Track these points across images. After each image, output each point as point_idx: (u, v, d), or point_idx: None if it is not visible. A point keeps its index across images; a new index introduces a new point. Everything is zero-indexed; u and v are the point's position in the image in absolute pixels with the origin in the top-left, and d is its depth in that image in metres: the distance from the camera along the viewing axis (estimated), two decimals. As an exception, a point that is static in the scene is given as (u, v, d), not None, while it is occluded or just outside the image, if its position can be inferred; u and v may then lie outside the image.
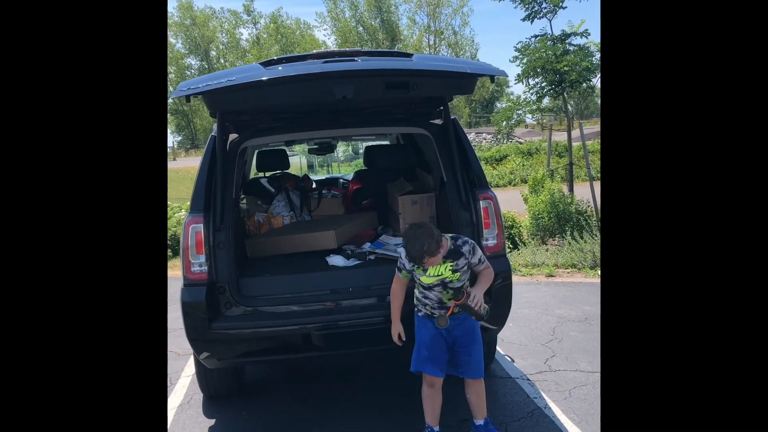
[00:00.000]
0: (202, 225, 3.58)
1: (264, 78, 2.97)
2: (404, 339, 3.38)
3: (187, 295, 3.53)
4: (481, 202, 3.79)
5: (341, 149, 20.49)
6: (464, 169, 3.88)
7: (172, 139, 55.12)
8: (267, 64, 3.26)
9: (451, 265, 3.19)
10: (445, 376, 3.34)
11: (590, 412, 3.82)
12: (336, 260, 4.04)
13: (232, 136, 4.01)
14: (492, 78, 3.28)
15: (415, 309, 3.36)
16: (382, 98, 3.51)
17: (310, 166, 20.64)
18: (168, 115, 55.76)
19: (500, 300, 3.67)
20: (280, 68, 3.12)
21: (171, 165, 32.98)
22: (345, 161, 22.37)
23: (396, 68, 3.18)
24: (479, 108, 54.51)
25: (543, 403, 4.00)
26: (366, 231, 4.57)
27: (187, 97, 3.02)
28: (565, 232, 8.95)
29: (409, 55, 3.37)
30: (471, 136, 33.19)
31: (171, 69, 52.82)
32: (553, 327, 5.58)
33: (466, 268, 3.23)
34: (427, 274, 3.20)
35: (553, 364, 4.67)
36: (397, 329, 3.38)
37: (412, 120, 4.18)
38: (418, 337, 3.34)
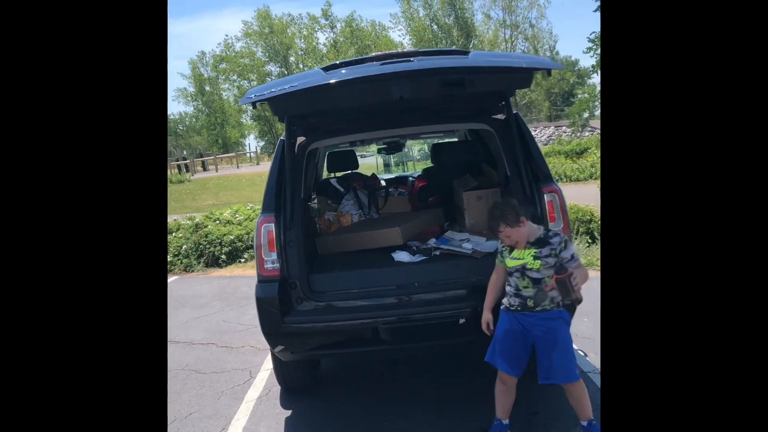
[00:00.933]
0: (273, 224, 3.76)
1: (323, 83, 3.11)
2: (492, 329, 3.37)
3: (261, 291, 3.72)
4: (545, 195, 3.79)
5: (416, 148, 20.59)
6: (527, 164, 3.88)
7: (255, 145, 57.06)
8: (328, 69, 3.40)
9: (534, 252, 3.22)
10: (520, 375, 3.34)
11: (664, 407, 3.74)
12: (401, 256, 4.13)
13: (300, 139, 4.18)
14: (548, 71, 3.28)
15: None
16: (440, 96, 3.58)
17: (386, 166, 20.84)
18: (251, 121, 57.70)
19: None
20: (340, 72, 3.25)
21: (255, 169, 34.22)
22: (421, 159, 22.42)
23: (451, 66, 3.24)
24: (560, 101, 53.20)
25: (614, 398, 3.94)
26: (432, 227, 4.63)
27: (254, 104, 3.20)
28: (645, 225, 8.66)
29: (466, 53, 3.42)
30: (550, 130, 32.52)
31: (252, 76, 54.67)
32: (629, 322, 5.45)
33: (551, 260, 3.21)
34: (512, 255, 3.28)
35: (627, 359, 4.58)
36: (485, 318, 3.40)
37: (474, 116, 4.22)
38: (497, 329, 3.37)
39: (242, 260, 9.91)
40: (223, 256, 9.84)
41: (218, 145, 57.35)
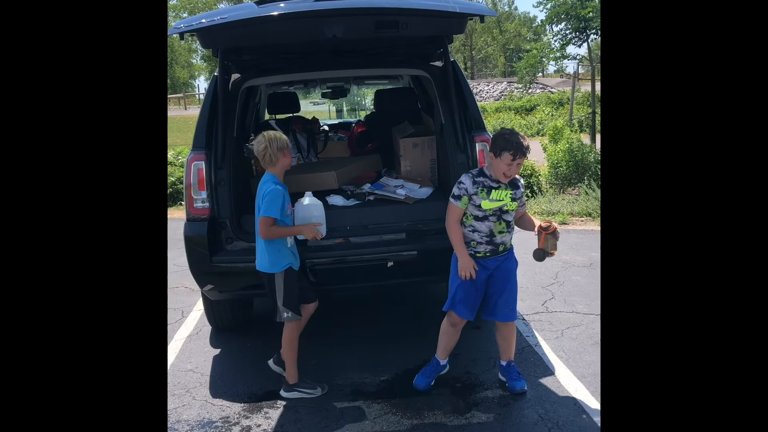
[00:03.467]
0: (203, 162, 3.71)
1: (251, 16, 3.03)
2: (477, 270, 3.25)
3: (189, 229, 3.69)
4: (477, 144, 3.84)
5: (369, 97, 20.39)
6: (462, 112, 3.91)
7: (205, 86, 55.35)
8: (261, 2, 3.31)
9: (511, 193, 3.27)
10: (473, 319, 3.42)
11: (578, 351, 3.93)
12: (336, 200, 4.15)
13: (235, 77, 4.09)
14: (482, 18, 3.28)
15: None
16: (375, 38, 3.54)
17: (339, 112, 20.60)
18: (201, 61, 55.81)
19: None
20: (271, 6, 3.17)
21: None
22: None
23: (383, 6, 3.20)
24: (515, 57, 53.24)
25: (534, 342, 4.12)
26: (368, 173, 4.65)
27: (181, 35, 3.10)
28: (583, 181, 8.90)
29: None
30: (503, 85, 32.66)
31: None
32: (557, 271, 5.65)
33: (519, 201, 3.30)
34: (491, 197, 3.21)
35: (550, 306, 4.77)
36: (469, 264, 3.23)
37: (412, 61, 4.20)
38: (456, 278, 3.32)
39: (182, 203, 9.75)
40: (163, 198, 9.65)
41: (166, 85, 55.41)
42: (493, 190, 3.22)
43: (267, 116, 6.41)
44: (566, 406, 3.28)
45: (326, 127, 6.20)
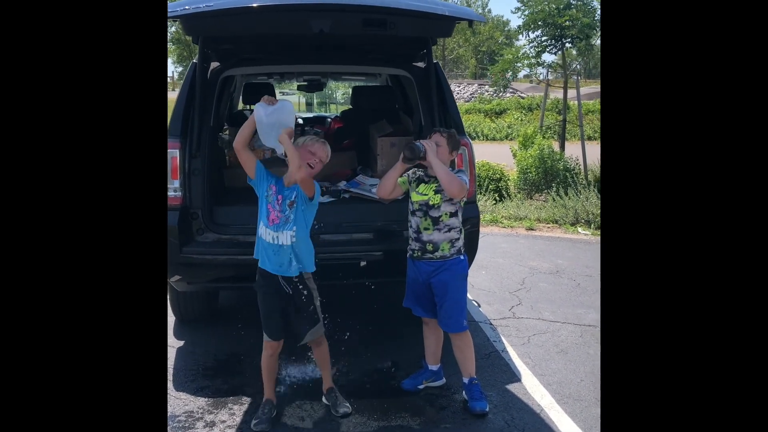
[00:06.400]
0: (177, 150, 3.63)
1: (240, 5, 2.97)
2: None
3: None
4: None
5: (340, 91, 20.33)
6: (442, 114, 3.91)
7: (172, 70, 54.26)
8: None
9: (435, 186, 3.28)
10: (432, 316, 3.42)
11: (544, 358, 3.97)
12: (310, 196, 4.09)
13: (214, 65, 4.01)
14: (470, 23, 3.28)
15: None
16: (361, 36, 3.51)
17: (308, 105, 20.48)
18: (170, 44, 54.69)
19: (466, 245, 3.76)
20: None
21: (171, 95, 32.64)
22: (345, 103, 22.16)
23: (372, 5, 3.18)
24: (486, 60, 53.67)
25: (501, 347, 4.15)
26: (344, 170, 4.61)
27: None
28: (551, 188, 9.02)
29: None
30: (473, 87, 32.90)
31: (175, -4, 51.56)
32: (524, 277, 5.71)
33: (443, 194, 3.24)
34: (418, 190, 3.32)
35: (517, 312, 4.81)
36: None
37: (394, 61, 4.18)
38: (407, 275, 3.45)
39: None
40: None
41: (132, 65, 54.03)
42: (422, 184, 3.34)
43: (241, 106, 6.31)
44: (532, 413, 3.31)
45: (301, 121, 6.15)
